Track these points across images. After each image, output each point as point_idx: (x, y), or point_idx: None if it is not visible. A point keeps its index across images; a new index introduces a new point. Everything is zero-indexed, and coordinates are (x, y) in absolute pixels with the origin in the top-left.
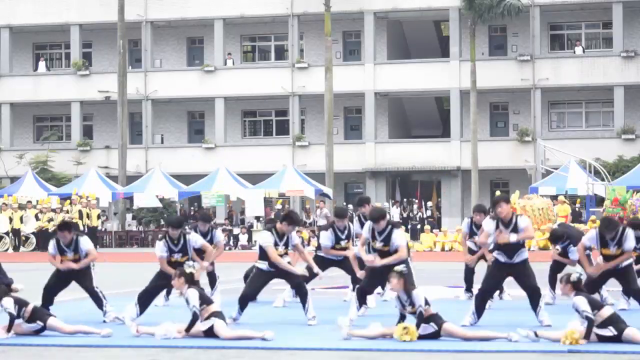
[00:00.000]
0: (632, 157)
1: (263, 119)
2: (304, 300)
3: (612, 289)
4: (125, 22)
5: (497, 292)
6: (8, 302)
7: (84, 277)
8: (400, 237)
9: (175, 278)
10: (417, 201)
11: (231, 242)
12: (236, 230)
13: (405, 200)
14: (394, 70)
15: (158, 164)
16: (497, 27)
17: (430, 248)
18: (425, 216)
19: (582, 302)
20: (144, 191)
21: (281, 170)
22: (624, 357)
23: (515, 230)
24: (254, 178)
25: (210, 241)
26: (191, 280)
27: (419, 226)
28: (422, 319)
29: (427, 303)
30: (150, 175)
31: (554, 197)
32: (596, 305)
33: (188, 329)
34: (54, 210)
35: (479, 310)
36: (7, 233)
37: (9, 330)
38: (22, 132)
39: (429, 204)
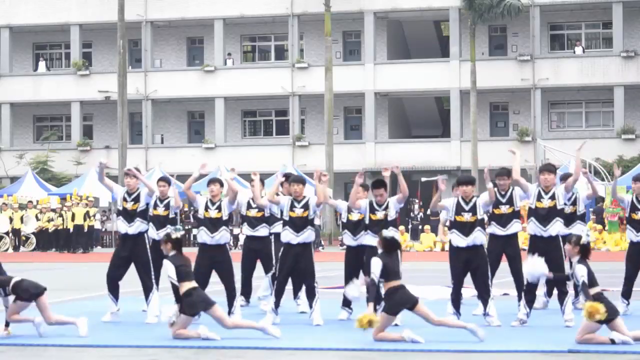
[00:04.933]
0: (632, 157)
1: (263, 119)
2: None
3: (610, 289)
4: (125, 22)
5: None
6: None
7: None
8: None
9: (162, 243)
10: (417, 201)
11: (231, 242)
12: (236, 230)
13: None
14: (394, 70)
15: (158, 164)
16: (497, 27)
17: (430, 248)
18: (424, 216)
19: (582, 271)
20: None
21: (281, 170)
22: (624, 357)
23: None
24: None
25: None
26: (178, 246)
27: (420, 226)
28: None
29: (387, 275)
30: (150, 175)
31: None
32: (592, 283)
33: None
34: (53, 210)
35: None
36: (7, 233)
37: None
38: (22, 132)
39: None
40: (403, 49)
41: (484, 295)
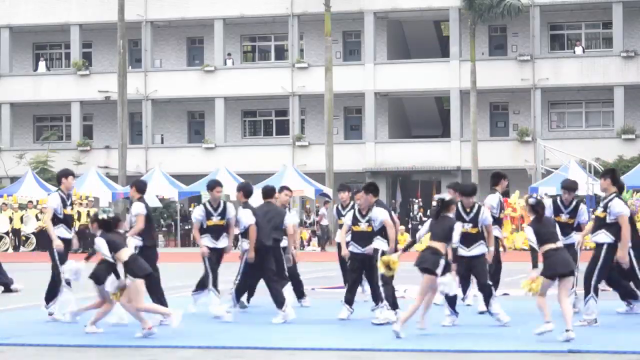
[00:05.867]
0: (632, 157)
1: (263, 119)
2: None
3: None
4: (125, 22)
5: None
6: None
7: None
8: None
9: (90, 223)
10: (417, 201)
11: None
12: (237, 230)
13: (394, 201)
14: (394, 70)
15: (158, 164)
16: (497, 27)
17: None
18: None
19: (529, 232)
20: None
21: (281, 170)
22: (624, 357)
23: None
24: (254, 178)
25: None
26: (106, 227)
27: (419, 226)
28: None
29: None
30: (150, 175)
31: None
32: (545, 240)
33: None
34: None
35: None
36: (7, 233)
37: None
38: (22, 132)
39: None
40: (403, 49)
41: (486, 295)
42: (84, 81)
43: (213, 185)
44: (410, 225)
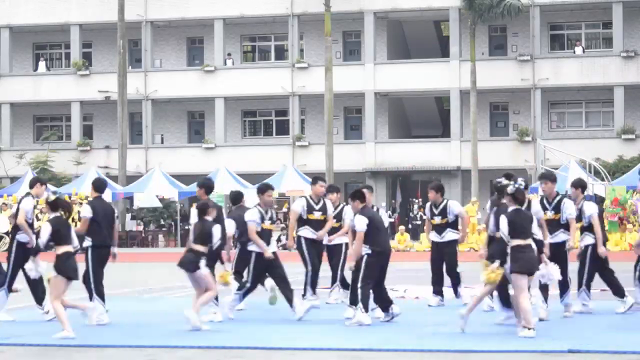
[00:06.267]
0: (632, 157)
1: (263, 119)
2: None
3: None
4: (125, 22)
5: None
6: None
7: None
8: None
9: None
10: (417, 201)
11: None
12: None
13: (394, 201)
14: (394, 70)
15: (158, 164)
16: (497, 27)
17: (430, 248)
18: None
19: (502, 222)
20: (144, 191)
21: (281, 170)
22: (624, 357)
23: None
24: (254, 178)
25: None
26: (54, 208)
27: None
28: None
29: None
30: (150, 175)
31: None
32: (516, 233)
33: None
34: None
35: None
36: (7, 233)
37: None
38: (22, 132)
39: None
40: (403, 49)
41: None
42: (84, 81)
43: (264, 188)
44: (410, 226)
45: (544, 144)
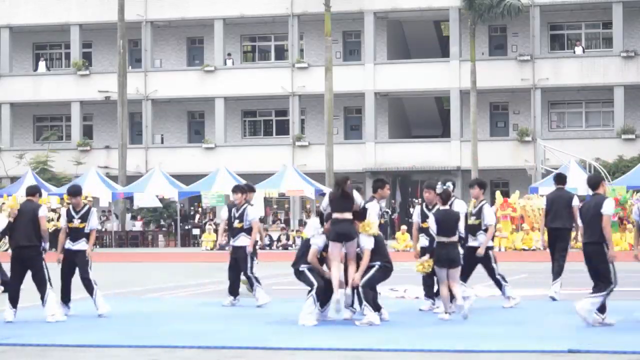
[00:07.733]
0: (632, 157)
1: (263, 119)
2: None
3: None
4: (125, 22)
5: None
6: None
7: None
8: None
9: None
10: (417, 201)
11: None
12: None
13: (393, 201)
14: (394, 70)
15: (158, 164)
16: (497, 27)
17: None
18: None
19: (431, 221)
20: (144, 191)
21: (281, 170)
22: (624, 357)
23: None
24: (254, 178)
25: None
26: None
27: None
28: None
29: None
30: (150, 175)
31: None
32: (442, 231)
33: None
34: (54, 210)
35: None
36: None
37: None
38: (22, 132)
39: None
40: (403, 49)
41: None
42: (84, 81)
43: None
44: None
45: (544, 144)
